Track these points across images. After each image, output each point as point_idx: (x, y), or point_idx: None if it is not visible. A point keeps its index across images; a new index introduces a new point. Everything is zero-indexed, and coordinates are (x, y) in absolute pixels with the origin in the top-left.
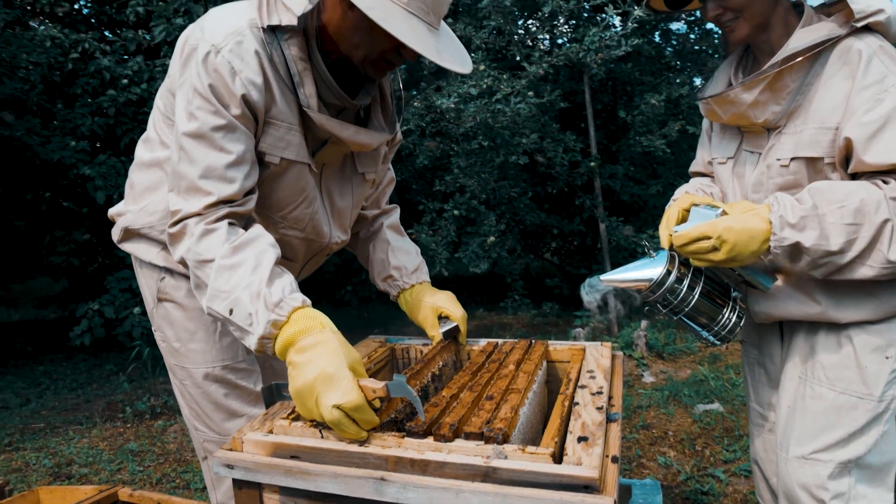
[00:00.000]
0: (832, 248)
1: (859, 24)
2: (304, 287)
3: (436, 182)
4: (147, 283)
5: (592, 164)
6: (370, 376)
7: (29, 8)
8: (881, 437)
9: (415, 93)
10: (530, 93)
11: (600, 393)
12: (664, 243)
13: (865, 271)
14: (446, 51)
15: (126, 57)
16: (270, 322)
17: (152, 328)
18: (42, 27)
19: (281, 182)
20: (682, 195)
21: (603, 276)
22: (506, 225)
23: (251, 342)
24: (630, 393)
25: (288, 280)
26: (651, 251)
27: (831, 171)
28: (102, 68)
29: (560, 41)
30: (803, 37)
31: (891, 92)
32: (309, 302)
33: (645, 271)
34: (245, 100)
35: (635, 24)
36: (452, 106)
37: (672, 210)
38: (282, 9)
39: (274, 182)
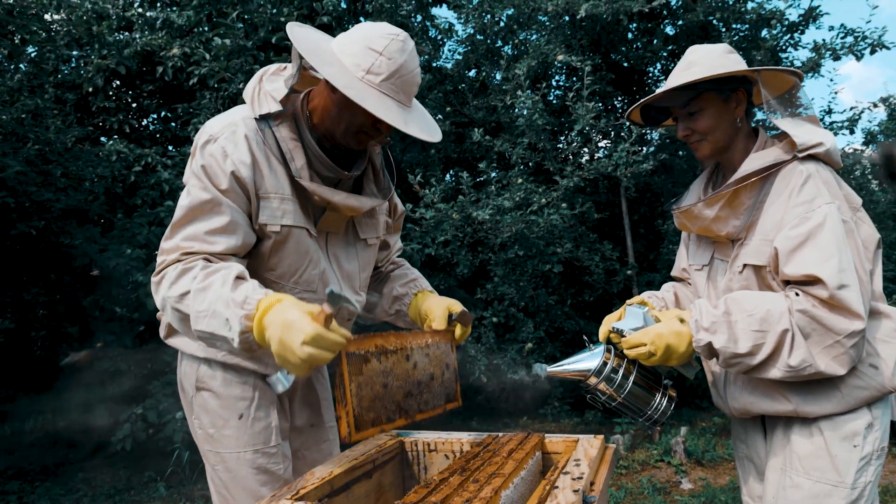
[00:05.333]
0: (740, 350)
1: (801, 155)
2: None
3: (477, 290)
4: (187, 372)
5: (629, 272)
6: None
7: (100, 125)
8: None
9: (452, 204)
10: (563, 204)
11: (580, 478)
12: (602, 337)
13: (775, 373)
14: (415, 123)
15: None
16: (243, 316)
17: (190, 418)
18: (111, 143)
19: (286, 249)
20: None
21: (549, 368)
22: (545, 332)
23: (235, 341)
24: (666, 500)
25: (252, 283)
26: (590, 344)
27: (771, 278)
28: (163, 181)
29: (598, 155)
30: (755, 161)
31: (817, 212)
32: (271, 292)
33: (585, 363)
34: (235, 175)
35: (661, 140)
36: (488, 217)
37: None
38: (270, 101)
39: (280, 251)
